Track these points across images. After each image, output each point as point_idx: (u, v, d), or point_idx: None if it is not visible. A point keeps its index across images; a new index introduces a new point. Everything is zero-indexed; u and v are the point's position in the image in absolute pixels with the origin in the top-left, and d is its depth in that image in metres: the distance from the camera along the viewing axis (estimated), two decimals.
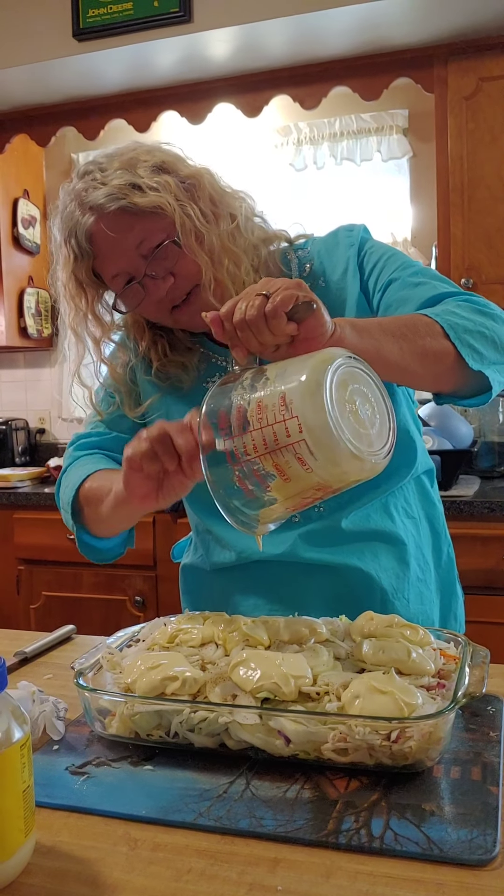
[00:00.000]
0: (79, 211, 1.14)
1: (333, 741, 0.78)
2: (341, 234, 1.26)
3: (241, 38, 2.81)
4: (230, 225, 1.18)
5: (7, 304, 3.45)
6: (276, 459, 0.82)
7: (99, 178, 1.13)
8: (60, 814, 0.76)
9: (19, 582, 3.10)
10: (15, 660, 1.16)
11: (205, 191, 1.17)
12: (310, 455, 0.80)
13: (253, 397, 0.85)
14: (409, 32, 2.79)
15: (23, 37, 2.97)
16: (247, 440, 0.84)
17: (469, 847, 0.67)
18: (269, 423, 0.82)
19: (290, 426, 0.81)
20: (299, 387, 0.82)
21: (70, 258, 1.16)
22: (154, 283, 1.14)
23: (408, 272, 1.17)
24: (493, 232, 2.77)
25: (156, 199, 1.10)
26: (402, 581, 1.22)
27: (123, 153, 1.16)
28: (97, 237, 1.13)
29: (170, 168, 1.15)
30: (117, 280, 1.16)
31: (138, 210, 1.11)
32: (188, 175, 1.16)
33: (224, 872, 0.66)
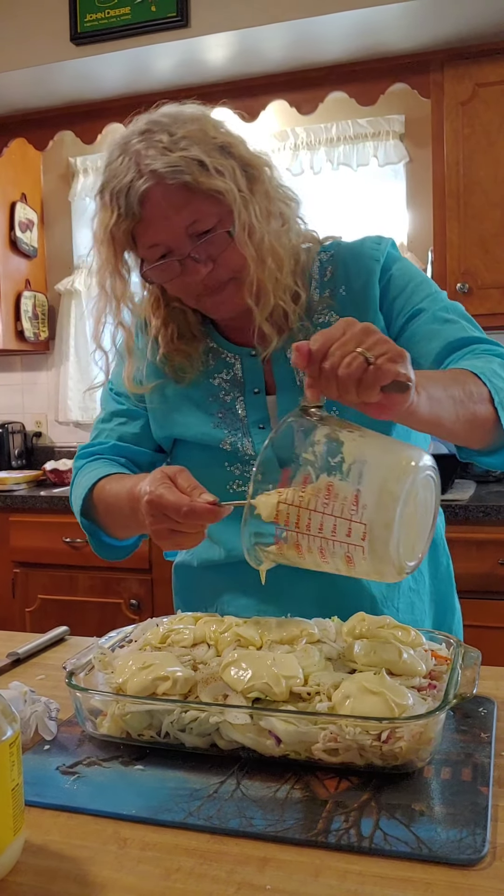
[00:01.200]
0: (135, 171, 1.08)
1: (324, 741, 0.78)
2: (368, 244, 1.24)
3: (239, 44, 2.82)
4: (280, 226, 1.17)
5: (4, 308, 3.45)
6: (325, 545, 0.83)
7: (166, 142, 1.08)
8: (51, 813, 0.76)
9: (15, 585, 3.10)
10: (7, 660, 1.16)
11: (263, 185, 1.15)
12: (361, 559, 0.82)
13: (323, 476, 0.84)
14: (405, 38, 2.80)
15: (21, 41, 2.98)
16: (302, 515, 0.84)
17: (458, 847, 0.67)
18: (334, 514, 0.82)
19: (354, 529, 0.81)
20: (377, 494, 0.81)
21: (112, 213, 1.11)
22: (195, 265, 1.11)
23: (438, 306, 1.17)
24: (489, 237, 2.78)
25: (220, 184, 1.08)
26: (392, 589, 1.21)
27: (191, 121, 1.11)
28: (149, 204, 1.09)
29: (235, 152, 1.12)
30: (154, 251, 1.13)
31: (198, 189, 1.07)
32: (249, 162, 1.14)
33: (213, 871, 0.66)
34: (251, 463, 1.19)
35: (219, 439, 1.21)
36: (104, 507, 1.20)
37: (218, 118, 1.16)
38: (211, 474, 1.23)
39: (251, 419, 1.20)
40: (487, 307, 2.75)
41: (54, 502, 3.01)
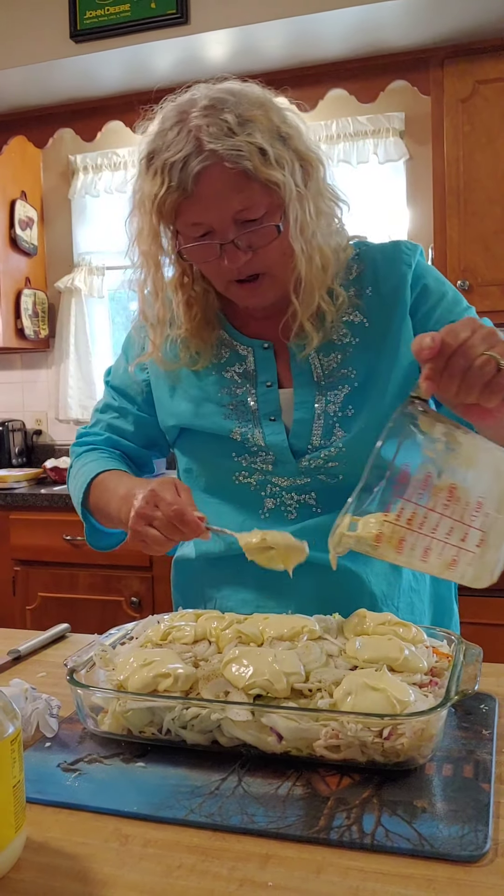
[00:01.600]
0: (194, 145, 1.05)
1: (325, 738, 0.78)
2: (400, 249, 1.24)
3: (238, 41, 2.81)
4: (328, 225, 1.17)
5: (4, 306, 3.45)
6: (433, 546, 0.84)
7: (231, 122, 1.05)
8: (52, 810, 0.75)
9: (15, 583, 3.10)
10: (9, 658, 1.16)
11: (316, 182, 1.14)
12: (467, 565, 0.83)
13: (446, 477, 0.84)
14: (405, 35, 2.79)
15: (20, 38, 2.97)
16: (418, 513, 0.84)
17: (460, 843, 0.67)
18: (453, 518, 0.83)
19: (471, 535, 0.82)
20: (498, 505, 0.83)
21: (163, 184, 1.08)
22: (235, 252, 1.09)
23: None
24: (489, 234, 2.78)
25: (279, 175, 1.06)
26: (393, 588, 1.21)
27: (256, 104, 1.08)
28: (204, 183, 1.06)
29: (292, 143, 1.10)
30: (196, 228, 1.10)
31: (255, 177, 1.05)
32: (305, 156, 1.12)
33: (215, 868, 0.66)
34: (260, 454, 1.19)
35: (229, 430, 1.20)
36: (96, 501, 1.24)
37: (282, 104, 1.14)
38: (218, 463, 1.23)
39: (262, 411, 1.20)
40: (487, 304, 2.74)
41: (55, 500, 3.01)
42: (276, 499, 1.21)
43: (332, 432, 1.17)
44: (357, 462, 1.16)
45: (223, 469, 1.22)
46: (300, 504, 1.20)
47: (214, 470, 1.25)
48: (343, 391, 1.18)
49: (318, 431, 1.17)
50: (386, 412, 1.17)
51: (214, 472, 1.25)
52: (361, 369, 1.18)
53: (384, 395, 1.17)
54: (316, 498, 1.20)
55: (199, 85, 1.13)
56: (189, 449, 1.29)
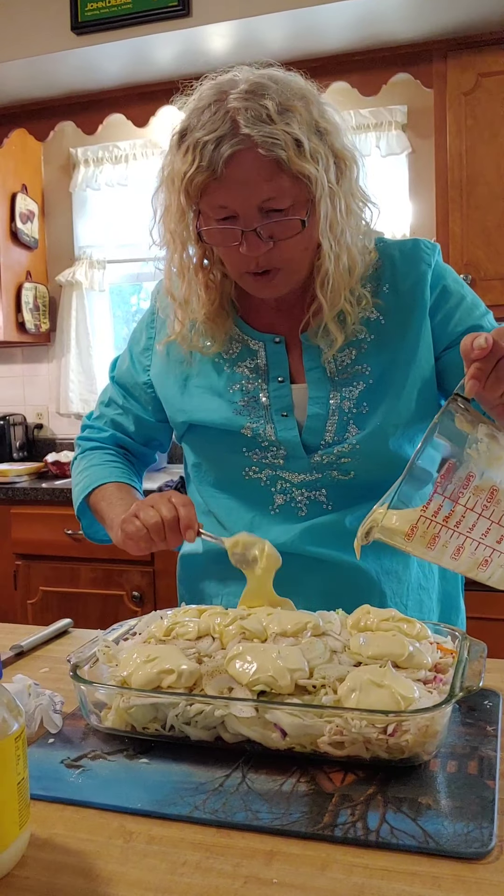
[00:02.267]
0: (230, 127, 1.03)
1: (330, 734, 0.78)
2: (419, 247, 1.23)
3: (240, 33, 2.80)
4: (357, 226, 1.15)
5: (5, 299, 3.44)
6: (467, 546, 0.83)
7: (271, 109, 1.03)
8: (56, 807, 0.75)
9: (17, 577, 3.10)
10: (11, 653, 1.16)
11: (349, 181, 1.12)
12: (498, 566, 0.83)
13: (488, 478, 0.84)
14: (407, 28, 2.78)
15: (21, 30, 2.96)
16: (457, 511, 0.84)
17: (465, 840, 0.67)
18: (492, 519, 0.83)
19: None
20: None
21: (193, 162, 1.06)
22: (256, 241, 1.08)
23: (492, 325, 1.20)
24: (492, 228, 2.77)
25: (311, 169, 1.04)
26: (402, 585, 1.21)
27: (298, 95, 1.07)
28: (235, 167, 1.04)
29: (329, 139, 1.09)
30: (220, 211, 1.09)
31: (288, 168, 1.04)
32: (340, 154, 1.11)
33: (219, 865, 0.66)
34: (271, 449, 1.19)
35: (240, 425, 1.20)
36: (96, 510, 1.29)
37: (324, 99, 1.12)
38: (227, 458, 1.22)
39: (274, 407, 1.19)
40: (490, 299, 2.73)
41: (56, 494, 3.01)
42: (286, 495, 1.20)
43: (346, 429, 1.16)
44: (370, 459, 1.17)
45: (233, 464, 1.22)
46: (310, 501, 1.20)
47: (224, 465, 1.24)
48: (358, 388, 1.17)
49: (331, 428, 1.17)
50: (401, 411, 1.17)
51: (224, 466, 1.24)
52: (376, 367, 1.18)
53: (400, 394, 1.17)
54: (326, 495, 1.19)
55: (243, 67, 1.12)
56: (198, 444, 1.28)
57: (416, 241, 1.24)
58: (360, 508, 1.17)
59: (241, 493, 1.23)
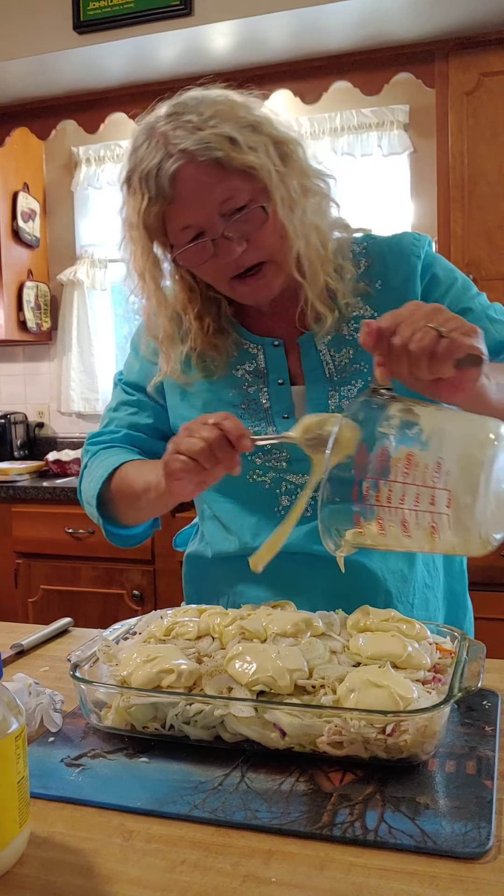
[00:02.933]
0: (164, 152, 1.06)
1: (329, 734, 0.78)
2: (408, 240, 1.23)
3: (242, 32, 2.80)
4: (319, 201, 1.15)
5: (6, 298, 3.44)
6: (408, 518, 0.82)
7: (195, 121, 1.06)
8: (56, 805, 0.76)
9: (17, 576, 3.10)
10: (12, 652, 1.16)
11: (297, 162, 1.13)
12: (447, 529, 0.80)
13: (403, 447, 0.83)
14: (410, 27, 2.78)
15: (23, 29, 2.96)
16: (382, 486, 0.83)
17: (463, 840, 0.67)
18: (415, 483, 0.81)
19: (438, 497, 0.80)
20: (459, 460, 0.80)
21: (143, 198, 1.08)
22: (228, 245, 1.08)
23: (484, 305, 1.19)
24: (494, 228, 2.77)
25: (253, 159, 1.05)
26: (407, 584, 1.20)
27: (218, 102, 1.09)
28: (182, 183, 1.06)
29: (264, 129, 1.10)
30: (186, 233, 1.10)
31: (230, 166, 1.05)
32: (281, 140, 1.11)
33: (218, 864, 0.66)
34: (273, 452, 1.18)
35: None
36: (121, 488, 1.19)
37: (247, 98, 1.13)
38: None
39: (275, 409, 1.19)
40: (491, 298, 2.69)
41: (57, 493, 3.02)
42: (292, 496, 1.20)
43: None
44: None
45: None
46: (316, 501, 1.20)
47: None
48: (356, 386, 1.17)
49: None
50: None
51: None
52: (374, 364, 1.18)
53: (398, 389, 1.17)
54: None
55: (161, 102, 1.15)
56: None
57: (404, 235, 1.24)
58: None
59: (246, 496, 1.22)
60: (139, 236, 1.12)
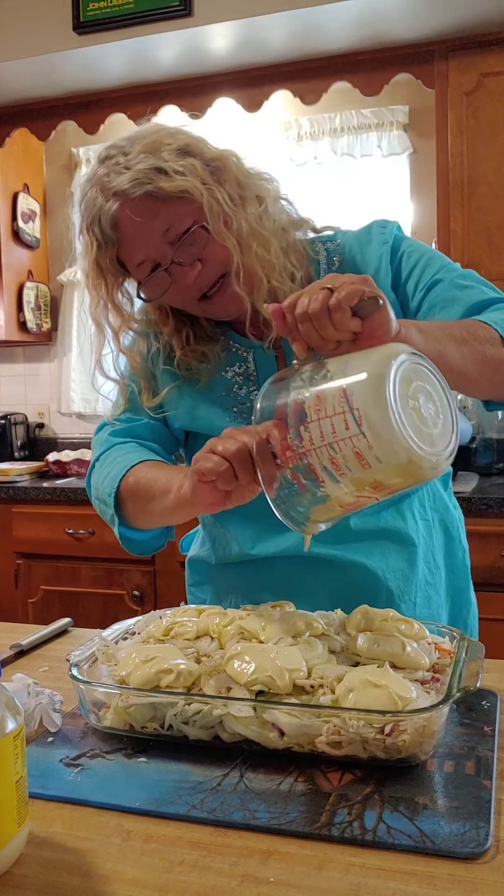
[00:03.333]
0: (101, 197, 1.11)
1: (327, 734, 0.78)
2: (375, 230, 1.23)
3: (242, 33, 2.80)
4: (258, 208, 1.16)
5: (6, 299, 3.44)
6: (333, 453, 0.81)
7: (122, 162, 1.10)
8: (54, 805, 0.76)
9: (17, 576, 3.10)
10: (11, 652, 1.16)
11: (231, 173, 1.14)
12: (368, 449, 0.78)
13: (312, 390, 0.84)
14: (409, 27, 2.78)
15: (23, 30, 2.96)
16: (303, 433, 0.83)
17: (461, 840, 0.67)
18: (328, 415, 0.81)
19: (349, 419, 0.79)
20: (361, 379, 0.80)
21: (93, 246, 1.13)
22: (181, 270, 1.11)
23: (454, 274, 1.16)
24: (493, 229, 2.77)
25: (182, 183, 1.08)
26: (409, 583, 1.20)
27: (146, 136, 1.12)
28: (122, 224, 1.10)
29: (194, 151, 1.12)
30: (143, 267, 1.13)
31: (164, 195, 1.08)
32: (213, 157, 1.13)
33: (216, 864, 0.66)
34: None
35: None
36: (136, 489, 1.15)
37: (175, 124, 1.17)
38: None
39: None
40: None
41: (57, 493, 3.02)
42: None
43: None
44: None
45: None
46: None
47: None
48: None
49: None
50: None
51: None
52: None
53: None
54: None
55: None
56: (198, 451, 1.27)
57: (372, 225, 1.25)
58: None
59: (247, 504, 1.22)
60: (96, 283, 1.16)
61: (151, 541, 1.27)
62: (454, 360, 0.97)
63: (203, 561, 1.33)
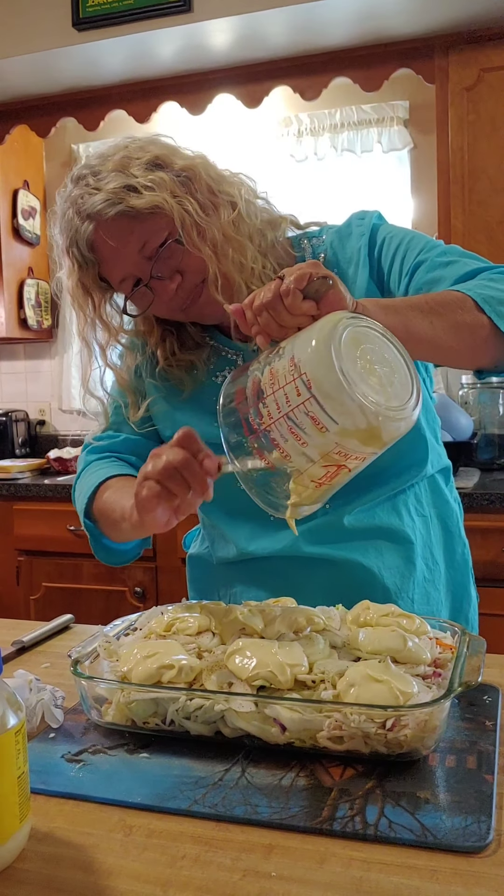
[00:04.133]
0: (77, 219, 1.12)
1: (329, 729, 0.78)
2: (353, 222, 1.23)
3: (242, 28, 2.80)
4: (231, 213, 1.16)
5: (7, 296, 3.44)
6: (291, 423, 0.81)
7: (93, 183, 1.12)
8: (56, 801, 0.76)
9: (19, 573, 3.11)
10: (13, 649, 1.16)
11: (201, 181, 1.15)
12: (321, 411, 0.79)
13: (266, 368, 0.86)
14: (409, 22, 2.77)
15: (23, 26, 2.96)
16: (262, 409, 0.84)
17: (463, 834, 0.67)
18: (281, 386, 0.82)
19: (299, 385, 0.80)
20: (306, 345, 0.82)
21: (74, 267, 1.15)
22: (161, 284, 1.13)
23: (435, 252, 1.14)
24: (494, 224, 2.77)
25: (152, 198, 1.09)
26: (406, 580, 1.20)
27: (115, 153, 1.14)
28: (98, 245, 1.12)
29: (164, 162, 1.13)
30: (125, 284, 1.15)
31: (136, 212, 1.09)
32: (183, 167, 1.14)
33: (218, 859, 0.66)
34: None
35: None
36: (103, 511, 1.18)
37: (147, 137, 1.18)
38: None
39: None
40: None
41: (58, 490, 3.02)
42: None
43: None
44: None
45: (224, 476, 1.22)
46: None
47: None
48: None
49: None
50: None
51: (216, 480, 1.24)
52: None
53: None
54: None
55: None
56: None
57: (349, 219, 1.25)
58: (357, 504, 1.17)
59: (237, 504, 1.20)
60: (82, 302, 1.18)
61: (129, 551, 1.30)
62: (422, 331, 0.96)
63: (203, 558, 1.34)
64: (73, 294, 1.18)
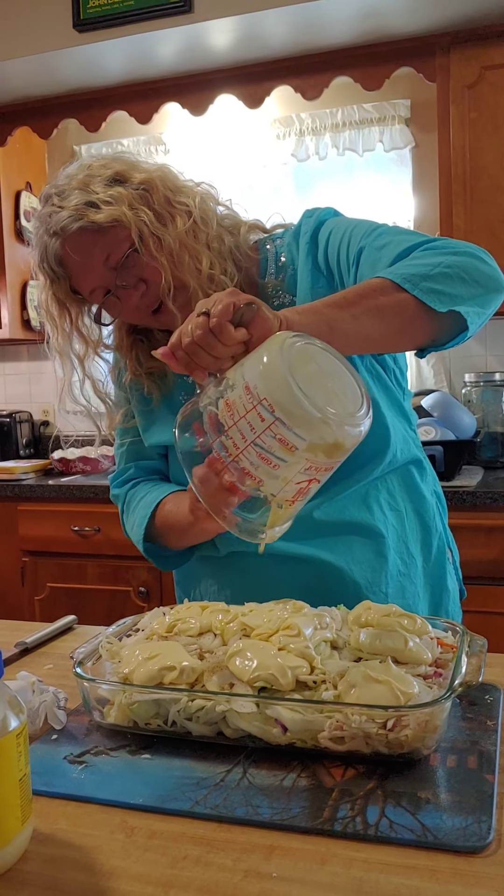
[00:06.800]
0: (46, 236, 1.18)
1: (330, 729, 0.79)
2: (303, 221, 1.26)
3: (242, 29, 2.80)
4: (187, 221, 1.20)
5: (10, 297, 3.45)
6: (259, 449, 0.83)
7: (57, 202, 1.18)
8: (58, 802, 0.76)
9: (24, 573, 3.11)
10: (16, 650, 1.17)
11: (159, 193, 1.19)
12: (288, 432, 0.81)
13: (220, 401, 0.87)
14: (410, 21, 2.77)
15: (24, 28, 2.96)
16: (226, 441, 0.85)
17: (463, 834, 0.67)
18: (242, 415, 0.83)
19: (261, 411, 0.81)
20: (258, 371, 0.83)
21: (47, 282, 1.21)
22: (126, 292, 1.18)
23: (373, 237, 1.14)
24: (496, 222, 2.76)
25: (111, 212, 1.14)
26: (378, 574, 1.20)
27: (78, 172, 1.19)
28: (66, 259, 1.18)
29: (123, 177, 1.19)
30: (95, 294, 1.20)
31: (98, 227, 1.15)
32: (142, 180, 1.19)
33: (220, 859, 0.66)
34: None
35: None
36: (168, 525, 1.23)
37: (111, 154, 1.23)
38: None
39: None
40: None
41: (62, 491, 3.02)
42: None
43: None
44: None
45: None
46: None
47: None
48: None
49: None
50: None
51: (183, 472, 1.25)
52: None
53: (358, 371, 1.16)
54: None
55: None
56: (174, 464, 1.31)
57: (302, 217, 1.28)
58: (325, 498, 1.18)
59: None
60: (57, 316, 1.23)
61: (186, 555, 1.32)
62: (347, 326, 0.96)
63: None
64: (49, 308, 1.24)
